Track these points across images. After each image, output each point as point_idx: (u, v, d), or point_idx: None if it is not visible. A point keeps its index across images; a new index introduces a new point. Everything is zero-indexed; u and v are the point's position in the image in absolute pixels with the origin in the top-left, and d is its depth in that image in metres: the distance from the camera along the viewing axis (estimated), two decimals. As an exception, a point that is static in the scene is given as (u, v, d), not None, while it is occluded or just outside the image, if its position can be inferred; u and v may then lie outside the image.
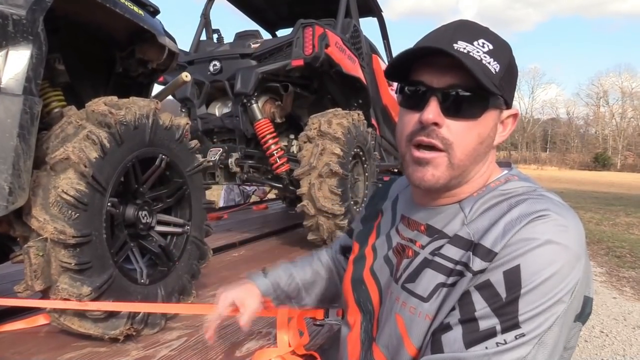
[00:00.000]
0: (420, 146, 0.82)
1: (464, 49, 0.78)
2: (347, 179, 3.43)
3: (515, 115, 0.87)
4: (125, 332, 1.72)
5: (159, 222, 2.01)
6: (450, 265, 0.79)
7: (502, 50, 0.81)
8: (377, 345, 0.88)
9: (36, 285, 1.57)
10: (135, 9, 2.01)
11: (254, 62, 3.74)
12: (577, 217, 0.78)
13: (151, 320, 1.84)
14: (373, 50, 4.90)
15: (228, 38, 4.45)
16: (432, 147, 0.81)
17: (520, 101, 65.48)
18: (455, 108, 0.79)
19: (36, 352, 1.67)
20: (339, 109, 3.69)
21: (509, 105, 0.85)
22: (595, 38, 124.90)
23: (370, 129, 4.06)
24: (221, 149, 3.84)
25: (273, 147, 3.75)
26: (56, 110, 1.92)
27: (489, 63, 0.78)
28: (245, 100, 3.73)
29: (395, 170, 5.89)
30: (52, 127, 1.70)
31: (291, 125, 4.26)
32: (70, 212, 1.56)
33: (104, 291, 1.66)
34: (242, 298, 1.23)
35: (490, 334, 0.72)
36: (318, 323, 1.77)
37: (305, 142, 3.43)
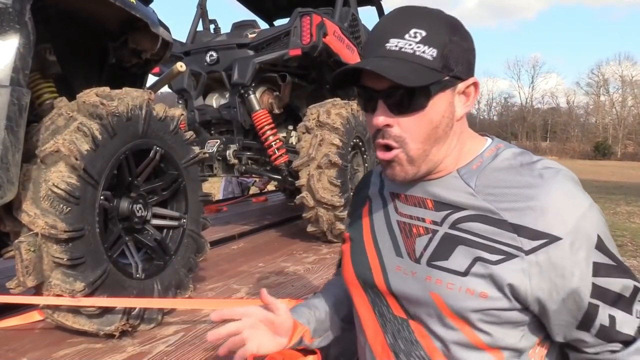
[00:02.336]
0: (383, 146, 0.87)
1: (396, 46, 0.80)
2: (347, 170, 3.39)
3: (475, 84, 0.86)
4: (121, 328, 1.69)
5: (155, 216, 1.98)
6: (486, 242, 0.81)
7: (436, 32, 0.81)
8: (419, 323, 0.88)
9: (28, 281, 1.54)
10: (128, -3, 1.96)
11: (251, 52, 3.69)
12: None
13: (147, 315, 1.81)
14: (372, 39, 4.83)
15: (225, 28, 4.41)
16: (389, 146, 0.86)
17: (520, 90, 65.40)
18: (400, 106, 0.82)
19: (31, 349, 1.64)
20: (338, 99, 3.64)
21: (463, 78, 0.84)
22: (597, 26, 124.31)
23: (369, 119, 4.01)
24: (219, 141, 3.80)
25: (271, 138, 3.71)
26: (47, 101, 1.88)
27: (423, 52, 0.80)
28: (242, 91, 3.68)
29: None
30: (42, 119, 1.66)
31: (289, 116, 4.22)
32: (61, 206, 1.52)
33: (98, 286, 1.63)
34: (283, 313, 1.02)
35: (635, 291, 0.79)
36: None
37: (303, 133, 3.39)
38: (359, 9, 4.61)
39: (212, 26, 4.46)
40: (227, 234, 3.71)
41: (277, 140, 3.74)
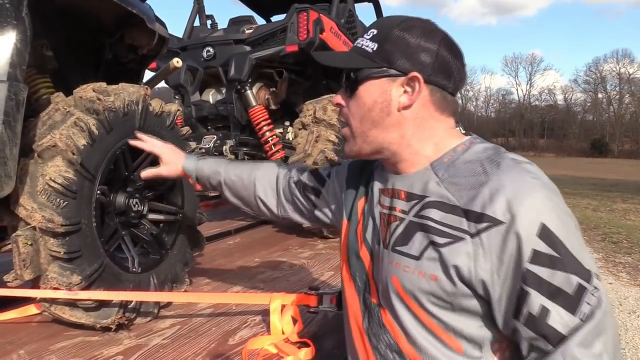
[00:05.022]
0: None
1: (359, 43, 0.98)
2: (343, 166, 3.40)
3: (414, 77, 0.90)
4: (118, 321, 1.70)
5: (151, 210, 1.99)
6: (440, 227, 0.86)
7: (383, 31, 0.94)
8: (385, 308, 0.96)
9: (25, 275, 1.55)
10: (124, -8, 1.97)
11: (248, 48, 3.70)
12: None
13: (144, 309, 1.83)
14: (369, 35, 4.84)
15: (222, 24, 4.41)
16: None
17: (518, 87, 65.33)
18: (345, 88, 0.99)
19: (28, 342, 1.66)
20: (334, 94, 3.65)
21: (403, 71, 0.91)
22: (595, 24, 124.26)
23: (365, 116, 4.02)
24: (215, 137, 3.81)
25: (268, 134, 3.72)
26: (44, 97, 1.89)
27: (367, 46, 0.94)
28: (239, 87, 3.69)
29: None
30: (39, 114, 1.67)
31: (286, 112, 4.23)
32: (58, 200, 1.53)
33: (94, 280, 1.64)
34: (165, 154, 1.53)
35: (581, 289, 0.77)
36: (312, 310, 1.77)
37: (300, 129, 3.41)
38: (356, 5, 4.62)
39: (209, 22, 4.47)
40: (223, 229, 3.73)
41: (274, 136, 3.75)
